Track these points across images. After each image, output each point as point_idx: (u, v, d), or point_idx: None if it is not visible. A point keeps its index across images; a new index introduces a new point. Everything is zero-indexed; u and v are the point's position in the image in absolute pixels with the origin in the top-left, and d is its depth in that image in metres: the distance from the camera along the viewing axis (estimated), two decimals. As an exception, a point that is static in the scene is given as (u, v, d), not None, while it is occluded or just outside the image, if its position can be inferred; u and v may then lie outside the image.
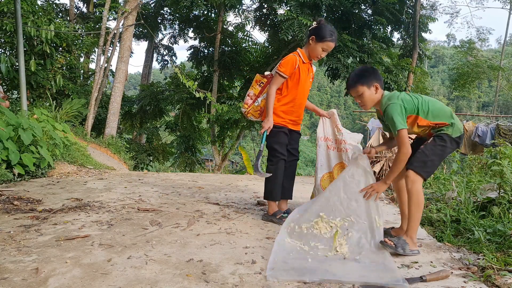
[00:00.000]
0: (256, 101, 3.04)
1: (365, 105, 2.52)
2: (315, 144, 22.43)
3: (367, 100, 2.48)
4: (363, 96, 2.47)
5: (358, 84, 2.46)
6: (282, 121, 2.98)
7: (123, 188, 4.15)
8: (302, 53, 2.98)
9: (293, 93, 2.97)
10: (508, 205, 2.96)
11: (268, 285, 1.82)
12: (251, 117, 3.11)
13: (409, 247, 2.29)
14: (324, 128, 3.09)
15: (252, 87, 3.09)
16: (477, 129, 8.51)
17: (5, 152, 4.06)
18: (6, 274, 1.79)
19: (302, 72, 2.95)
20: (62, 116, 8.09)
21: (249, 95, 3.10)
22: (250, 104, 3.07)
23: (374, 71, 2.51)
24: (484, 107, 45.27)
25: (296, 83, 2.95)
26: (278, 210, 3.04)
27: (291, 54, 2.97)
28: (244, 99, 3.11)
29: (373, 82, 2.45)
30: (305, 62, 2.98)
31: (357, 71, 2.54)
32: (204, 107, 13.84)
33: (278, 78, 2.92)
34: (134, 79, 50.82)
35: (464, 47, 18.91)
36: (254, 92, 3.07)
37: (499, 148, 3.85)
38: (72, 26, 10.64)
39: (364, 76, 2.47)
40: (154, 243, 2.32)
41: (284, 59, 2.94)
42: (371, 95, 2.47)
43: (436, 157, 2.36)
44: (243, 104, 3.13)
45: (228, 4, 11.42)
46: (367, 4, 10.50)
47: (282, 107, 2.98)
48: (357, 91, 2.47)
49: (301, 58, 2.96)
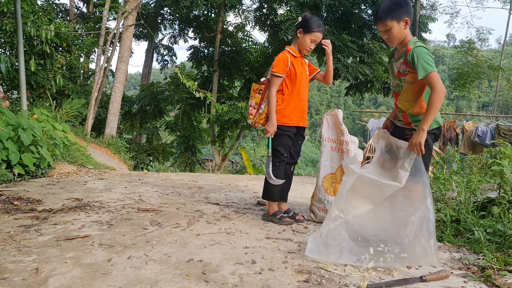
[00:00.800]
0: (260, 108, 3.04)
1: (392, 41, 2.33)
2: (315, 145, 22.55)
3: (395, 36, 2.29)
4: (391, 31, 2.27)
5: (389, 18, 2.25)
6: (288, 120, 2.99)
7: (123, 188, 4.15)
8: (291, 49, 3.02)
9: (294, 90, 2.99)
10: (508, 205, 2.96)
11: (268, 285, 1.82)
12: (259, 126, 3.08)
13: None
14: (328, 129, 3.10)
15: (252, 97, 3.08)
16: (477, 129, 8.51)
17: (5, 152, 4.06)
18: (6, 274, 1.79)
19: (297, 67, 2.98)
20: (62, 116, 8.09)
21: (251, 105, 3.10)
22: (255, 114, 3.05)
23: (406, 3, 2.28)
24: (484, 107, 45.27)
25: (294, 79, 2.97)
26: (278, 210, 3.05)
27: (281, 53, 3.01)
28: (248, 111, 3.11)
29: (404, 16, 2.25)
30: (296, 57, 3.00)
31: (388, 3, 2.29)
32: (204, 107, 13.85)
33: (275, 79, 2.94)
34: (134, 79, 50.82)
35: (464, 47, 18.89)
36: (256, 101, 3.07)
37: (499, 148, 3.84)
38: (72, 26, 10.62)
39: (396, 9, 2.25)
40: (154, 243, 2.32)
41: (275, 60, 2.98)
42: (400, 30, 2.27)
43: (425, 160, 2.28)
44: (248, 115, 3.13)
45: (228, 4, 11.42)
46: (367, 4, 10.49)
47: (288, 107, 2.99)
48: (386, 25, 2.26)
49: (292, 54, 2.99)
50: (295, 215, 3.08)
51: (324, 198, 3.05)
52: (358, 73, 9.76)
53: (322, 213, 3.04)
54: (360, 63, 10.01)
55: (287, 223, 2.94)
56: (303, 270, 2.02)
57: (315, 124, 52.61)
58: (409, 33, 2.35)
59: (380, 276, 1.99)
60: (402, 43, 2.36)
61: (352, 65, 9.82)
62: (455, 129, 8.80)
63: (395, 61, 2.42)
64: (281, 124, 2.96)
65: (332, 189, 3.04)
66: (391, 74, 2.47)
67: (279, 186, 3.01)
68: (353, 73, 9.74)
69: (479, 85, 32.97)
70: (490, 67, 17.46)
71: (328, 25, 10.09)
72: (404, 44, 2.34)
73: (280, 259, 2.16)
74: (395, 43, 2.36)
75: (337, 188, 3.03)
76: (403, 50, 2.34)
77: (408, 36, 2.34)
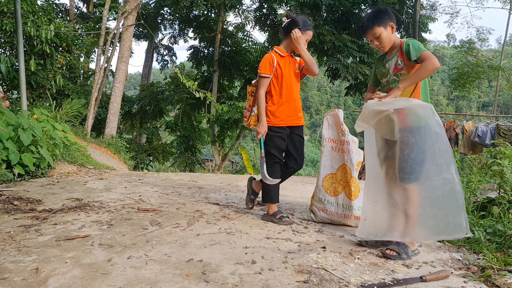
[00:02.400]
0: (252, 111, 3.09)
1: (384, 46, 2.44)
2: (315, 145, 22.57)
3: (386, 41, 2.41)
4: (381, 37, 2.40)
5: (375, 25, 2.39)
6: (280, 121, 2.98)
7: (123, 188, 4.15)
8: (278, 49, 3.04)
9: (283, 90, 3.00)
10: (508, 205, 2.96)
11: (268, 285, 1.82)
12: (253, 127, 3.12)
13: (410, 249, 2.30)
14: (329, 129, 3.09)
15: (247, 100, 3.16)
16: (477, 129, 8.50)
17: (5, 152, 4.06)
18: (6, 274, 1.79)
19: (284, 66, 2.98)
20: (62, 116, 8.10)
21: (245, 108, 3.18)
22: (248, 116, 3.11)
23: (387, 11, 2.45)
24: (484, 107, 45.28)
25: (281, 79, 2.98)
26: (278, 210, 3.05)
27: (266, 54, 3.03)
28: (243, 113, 3.14)
29: (388, 21, 2.40)
30: (283, 56, 3.01)
31: (371, 13, 2.47)
32: (204, 107, 13.86)
33: (262, 81, 2.97)
34: (134, 79, 50.82)
35: (464, 47, 18.88)
36: (249, 104, 3.13)
37: (499, 148, 3.84)
38: (72, 26, 10.63)
39: (379, 16, 2.40)
40: (154, 243, 2.32)
41: (261, 61, 3.01)
42: (389, 35, 2.40)
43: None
44: (243, 118, 3.16)
45: (228, 4, 11.44)
46: (367, 4, 10.50)
47: (278, 107, 2.99)
48: (374, 33, 2.40)
49: (278, 54, 3.00)
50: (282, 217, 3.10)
51: (324, 198, 3.05)
52: (358, 73, 9.77)
53: (322, 213, 3.05)
54: (360, 63, 10.02)
55: (287, 223, 2.94)
56: (303, 270, 2.02)
57: (315, 124, 52.59)
58: (397, 37, 2.47)
59: (380, 276, 1.99)
60: (392, 46, 2.46)
61: (352, 65, 9.83)
62: (455, 129, 8.80)
63: (388, 60, 2.47)
64: (272, 125, 2.97)
65: (332, 189, 3.04)
66: (384, 74, 2.52)
67: (277, 187, 3.02)
68: (353, 73, 9.75)
69: (479, 85, 32.94)
70: (490, 67, 17.46)
71: (328, 25, 10.09)
72: (395, 45, 2.44)
73: (280, 259, 2.16)
74: (387, 47, 2.46)
75: (337, 188, 3.03)
76: (395, 49, 2.44)
77: (397, 39, 2.45)
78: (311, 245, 2.46)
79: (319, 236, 2.69)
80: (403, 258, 2.23)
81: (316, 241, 2.56)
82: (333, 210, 3.02)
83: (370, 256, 2.30)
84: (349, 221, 2.95)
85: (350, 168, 2.98)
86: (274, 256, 2.21)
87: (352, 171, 2.97)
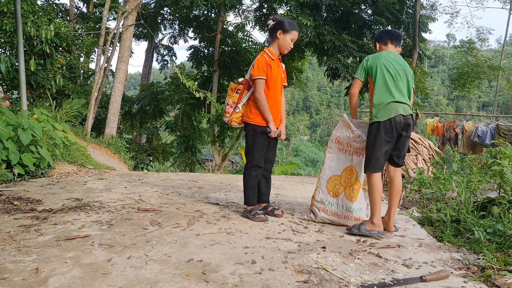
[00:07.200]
0: (237, 107, 3.11)
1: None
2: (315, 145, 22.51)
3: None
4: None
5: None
6: (262, 120, 3.04)
7: (123, 188, 4.15)
8: (269, 51, 3.09)
9: (270, 91, 3.05)
10: (508, 205, 2.96)
11: (268, 285, 1.82)
12: (234, 124, 3.15)
13: (366, 227, 2.65)
14: (338, 131, 3.06)
15: (230, 96, 3.15)
16: (477, 129, 8.50)
17: (5, 152, 4.06)
18: (6, 274, 1.79)
19: (273, 69, 3.05)
20: (62, 116, 8.09)
21: (228, 104, 3.15)
22: (231, 113, 3.13)
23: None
24: (484, 107, 45.28)
25: (270, 81, 3.03)
26: (255, 207, 3.13)
27: (259, 56, 3.06)
28: (225, 109, 3.14)
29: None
30: (274, 59, 3.08)
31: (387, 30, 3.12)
32: (204, 107, 13.84)
33: (259, 82, 2.99)
34: (134, 79, 50.83)
35: (464, 47, 18.88)
36: (233, 100, 3.13)
37: (499, 148, 3.85)
38: (72, 26, 10.62)
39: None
40: (154, 243, 2.32)
41: (255, 62, 3.03)
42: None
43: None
44: (224, 113, 3.16)
45: (228, 4, 11.42)
46: (367, 4, 10.49)
47: None
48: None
49: (270, 56, 3.06)
50: (274, 209, 3.19)
51: (326, 199, 3.04)
52: (358, 73, 9.72)
53: (323, 214, 3.04)
54: (360, 63, 10.00)
55: (260, 220, 3.01)
56: (303, 270, 2.02)
57: (315, 124, 52.56)
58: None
59: (380, 276, 1.99)
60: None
61: (352, 65, 9.81)
62: (455, 129, 8.79)
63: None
64: (256, 124, 3.02)
65: (335, 190, 3.04)
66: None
67: (255, 190, 3.12)
68: (353, 73, 9.74)
69: (479, 85, 32.97)
70: (490, 67, 17.45)
71: (328, 25, 10.08)
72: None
73: (280, 259, 2.16)
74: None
75: (338, 190, 3.03)
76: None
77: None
78: (311, 245, 2.46)
79: (319, 236, 2.69)
80: (353, 231, 2.70)
81: (316, 241, 2.56)
82: (333, 211, 3.02)
83: (370, 256, 2.30)
84: (349, 222, 2.95)
85: (357, 171, 2.97)
86: (274, 256, 2.21)
87: (359, 173, 2.97)
